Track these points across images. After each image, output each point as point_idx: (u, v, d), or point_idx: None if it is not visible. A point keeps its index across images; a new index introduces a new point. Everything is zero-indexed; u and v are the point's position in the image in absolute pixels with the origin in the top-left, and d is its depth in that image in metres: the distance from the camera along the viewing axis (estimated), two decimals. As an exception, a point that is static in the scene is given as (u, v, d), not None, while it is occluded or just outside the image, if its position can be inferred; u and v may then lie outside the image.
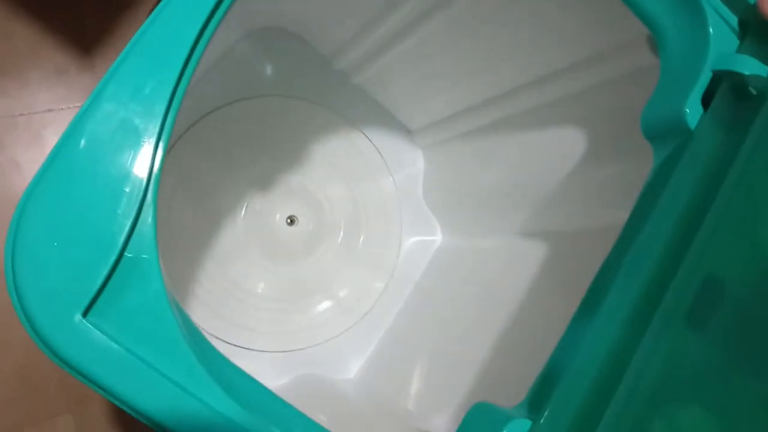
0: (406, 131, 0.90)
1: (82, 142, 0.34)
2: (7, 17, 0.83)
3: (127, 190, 0.34)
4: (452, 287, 0.79)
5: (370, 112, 0.89)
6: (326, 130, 0.87)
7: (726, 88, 0.42)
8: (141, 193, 0.34)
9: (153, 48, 0.35)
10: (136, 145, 0.35)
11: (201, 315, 0.75)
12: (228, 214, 0.79)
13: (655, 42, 0.47)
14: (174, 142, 0.77)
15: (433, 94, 0.79)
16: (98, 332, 0.32)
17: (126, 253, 0.34)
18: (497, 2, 0.60)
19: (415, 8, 0.67)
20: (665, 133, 0.44)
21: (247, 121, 0.83)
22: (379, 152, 0.90)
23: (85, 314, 0.33)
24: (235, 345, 0.77)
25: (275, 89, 0.84)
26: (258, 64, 0.83)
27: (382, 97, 0.87)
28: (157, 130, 0.35)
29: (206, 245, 0.77)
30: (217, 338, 0.76)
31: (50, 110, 0.84)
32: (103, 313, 0.33)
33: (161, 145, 0.35)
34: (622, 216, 0.43)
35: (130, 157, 0.35)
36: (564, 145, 0.64)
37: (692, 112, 0.42)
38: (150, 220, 0.34)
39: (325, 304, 0.83)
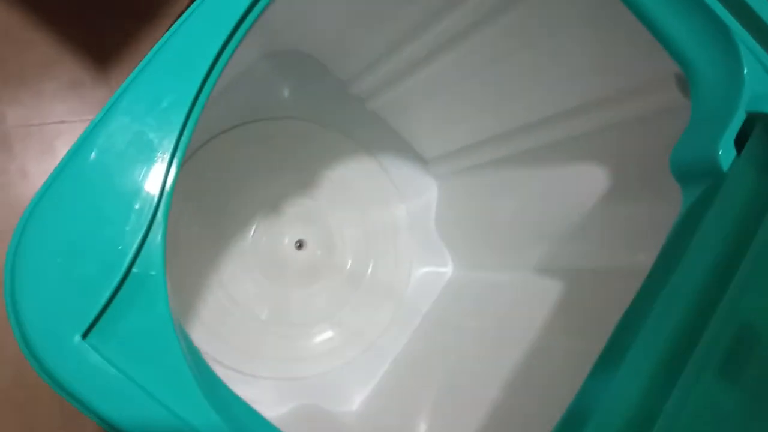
0: (420, 159, 0.89)
1: (93, 154, 0.33)
2: (24, 28, 0.84)
3: (137, 206, 0.33)
4: (462, 321, 0.76)
5: (385, 139, 0.88)
6: (339, 155, 0.86)
7: (761, 130, 0.41)
8: (151, 211, 0.33)
9: (173, 61, 0.34)
10: (149, 160, 0.33)
11: (203, 337, 0.73)
12: (236, 235, 0.78)
13: (685, 81, 0.46)
14: (186, 159, 0.76)
15: (450, 123, 0.78)
16: (98, 356, 0.31)
17: (132, 273, 0.32)
18: (521, 40, 0.59)
19: (438, 37, 0.66)
20: (696, 174, 0.42)
21: (260, 142, 0.82)
22: (392, 179, 0.89)
23: (85, 335, 0.31)
24: (236, 370, 0.74)
25: (290, 111, 0.83)
26: (275, 86, 0.82)
27: (397, 124, 0.86)
28: (172, 146, 0.34)
29: (212, 265, 0.76)
30: (218, 362, 0.74)
31: (63, 122, 0.84)
32: (105, 335, 0.31)
33: (175, 162, 0.34)
34: (642, 257, 0.42)
35: (142, 173, 0.33)
36: (585, 181, 0.63)
37: (725, 153, 0.41)
38: (159, 239, 0.33)
39: (330, 332, 0.81)
